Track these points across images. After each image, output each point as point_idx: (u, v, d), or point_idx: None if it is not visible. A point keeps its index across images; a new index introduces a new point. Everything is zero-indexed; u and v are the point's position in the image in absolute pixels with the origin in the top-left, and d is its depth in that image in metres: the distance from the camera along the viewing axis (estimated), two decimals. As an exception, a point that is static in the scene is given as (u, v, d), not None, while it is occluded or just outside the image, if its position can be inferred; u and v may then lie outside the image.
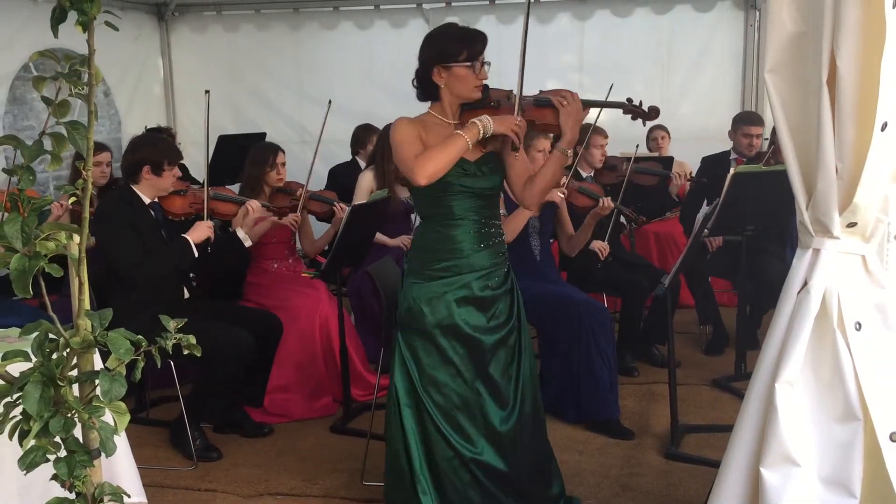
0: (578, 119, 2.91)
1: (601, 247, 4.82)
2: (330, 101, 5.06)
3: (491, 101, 2.96)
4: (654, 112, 3.11)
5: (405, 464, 2.97)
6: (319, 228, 5.24)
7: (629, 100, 3.12)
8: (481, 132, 2.80)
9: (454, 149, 2.78)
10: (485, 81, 2.93)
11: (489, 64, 2.91)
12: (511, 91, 2.98)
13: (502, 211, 3.72)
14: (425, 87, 2.97)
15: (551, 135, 4.37)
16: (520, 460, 3.03)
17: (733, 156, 5.50)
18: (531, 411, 3.07)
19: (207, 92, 4.42)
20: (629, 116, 3.18)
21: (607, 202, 4.65)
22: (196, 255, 3.98)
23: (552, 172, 2.99)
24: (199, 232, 4.04)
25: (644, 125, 3.16)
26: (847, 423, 2.13)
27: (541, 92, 3.03)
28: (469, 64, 2.86)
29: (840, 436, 2.14)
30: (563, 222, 4.74)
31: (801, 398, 2.15)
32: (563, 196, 4.54)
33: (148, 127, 6.46)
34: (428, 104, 3.02)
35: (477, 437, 2.97)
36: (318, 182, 5.55)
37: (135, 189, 4.02)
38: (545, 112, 2.96)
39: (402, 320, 3.02)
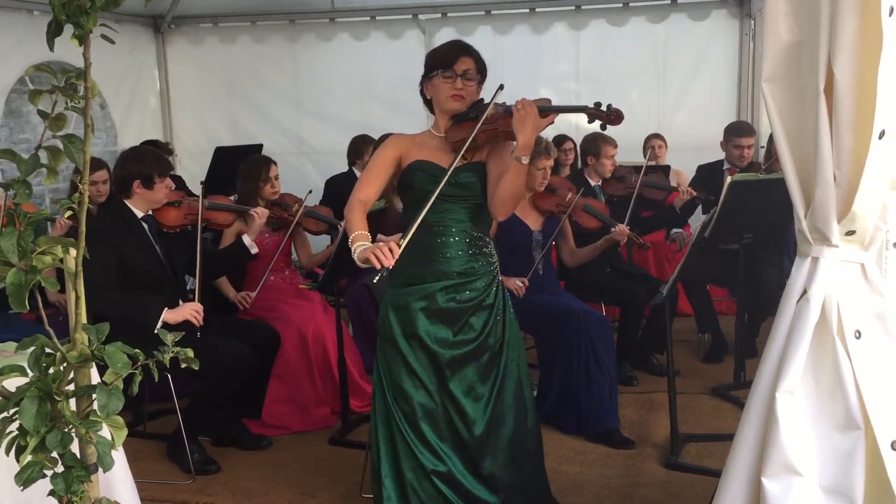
0: (532, 125, 2.75)
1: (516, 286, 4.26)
2: (310, 192, 5.01)
3: (471, 114, 2.96)
4: (616, 116, 2.78)
5: (377, 469, 3.00)
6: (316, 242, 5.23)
7: (597, 104, 2.81)
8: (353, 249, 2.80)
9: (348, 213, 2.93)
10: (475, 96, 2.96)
11: (477, 78, 2.94)
12: (493, 103, 2.94)
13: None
14: (426, 102, 3.08)
15: (551, 158, 4.42)
16: (497, 482, 3.00)
17: (726, 166, 5.50)
18: (512, 438, 3.02)
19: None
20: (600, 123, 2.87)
21: (622, 229, 4.71)
22: (155, 328, 3.70)
23: (510, 183, 2.82)
24: (177, 314, 3.82)
25: (604, 129, 2.85)
26: (848, 432, 2.12)
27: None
28: (444, 73, 2.91)
29: (841, 444, 2.13)
30: (566, 237, 4.81)
31: (801, 407, 2.14)
32: (521, 285, 4.24)
33: (143, 141, 6.45)
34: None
35: (446, 451, 2.96)
36: (315, 192, 5.54)
37: (128, 203, 4.00)
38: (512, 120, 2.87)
39: (378, 328, 3.07)
